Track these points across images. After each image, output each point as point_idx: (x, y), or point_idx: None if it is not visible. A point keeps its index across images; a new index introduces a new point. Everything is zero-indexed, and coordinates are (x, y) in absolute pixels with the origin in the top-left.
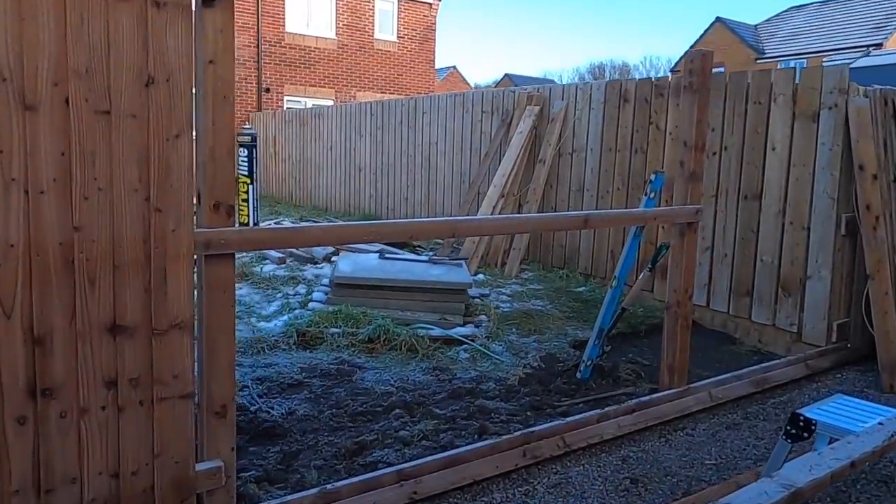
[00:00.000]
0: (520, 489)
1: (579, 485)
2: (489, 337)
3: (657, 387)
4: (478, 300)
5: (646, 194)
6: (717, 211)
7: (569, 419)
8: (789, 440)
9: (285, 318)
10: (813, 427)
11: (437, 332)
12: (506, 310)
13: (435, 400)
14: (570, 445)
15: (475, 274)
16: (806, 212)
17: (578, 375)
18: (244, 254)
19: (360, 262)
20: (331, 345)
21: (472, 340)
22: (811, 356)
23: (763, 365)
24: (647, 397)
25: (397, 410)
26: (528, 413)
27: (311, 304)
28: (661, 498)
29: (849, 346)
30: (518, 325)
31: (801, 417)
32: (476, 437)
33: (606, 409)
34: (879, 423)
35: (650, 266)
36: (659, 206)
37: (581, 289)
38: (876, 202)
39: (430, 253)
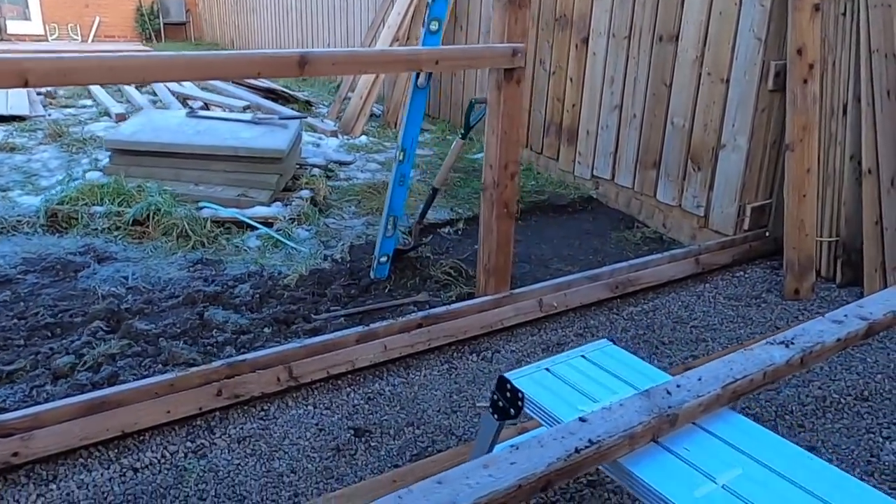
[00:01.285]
0: (192, 443)
1: (279, 437)
2: (296, 219)
3: (475, 292)
4: (318, 171)
5: (424, 25)
6: (629, 58)
7: (308, 341)
8: (496, 416)
9: (57, 191)
10: (520, 402)
11: (225, 212)
12: (359, 181)
13: (160, 308)
14: (300, 378)
15: (360, 135)
16: (727, 58)
17: (372, 275)
18: (77, 108)
19: (155, 122)
20: (86, 228)
21: (271, 224)
22: (708, 249)
23: (631, 262)
24: (443, 308)
25: (98, 323)
26: (267, 330)
27: (90, 175)
28: (376, 462)
29: (768, 234)
30: (359, 203)
31: (509, 385)
32: (163, 366)
33: (373, 325)
34: (580, 420)
35: (462, 132)
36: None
37: (478, 156)
38: (812, 44)
39: (325, 109)
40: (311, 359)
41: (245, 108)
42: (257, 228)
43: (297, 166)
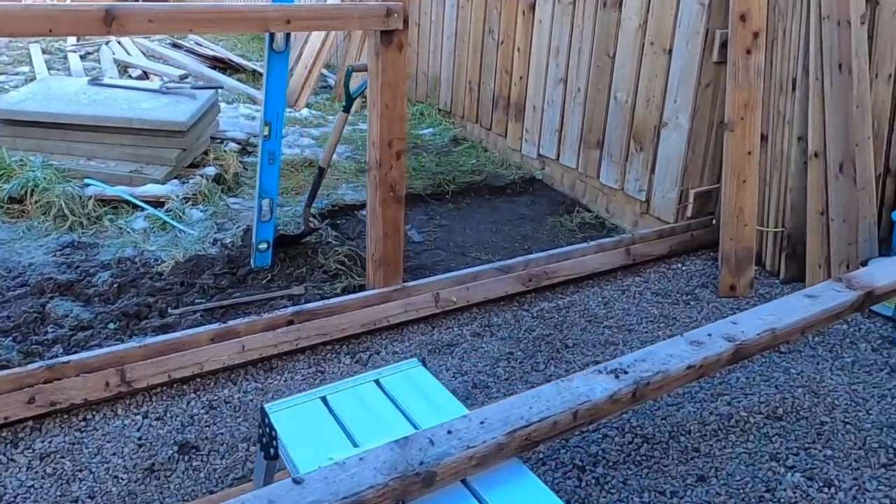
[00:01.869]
0: None
1: (91, 453)
2: (192, 198)
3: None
4: (234, 145)
5: None
6: (574, 26)
7: (148, 340)
8: (264, 453)
9: None
10: (274, 441)
11: (112, 190)
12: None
13: (3, 298)
14: (134, 382)
15: (303, 108)
16: (670, 26)
17: (252, 264)
18: (10, 75)
19: (51, 89)
20: None
21: (162, 203)
22: (642, 238)
23: (551, 252)
24: (320, 303)
25: None
26: (112, 325)
27: None
28: (192, 486)
29: (714, 222)
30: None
31: (266, 419)
32: None
33: (233, 322)
34: (294, 482)
35: (344, 105)
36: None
37: (426, 131)
38: (758, 10)
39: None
40: (150, 360)
41: (183, 78)
42: (148, 209)
43: (217, 140)
